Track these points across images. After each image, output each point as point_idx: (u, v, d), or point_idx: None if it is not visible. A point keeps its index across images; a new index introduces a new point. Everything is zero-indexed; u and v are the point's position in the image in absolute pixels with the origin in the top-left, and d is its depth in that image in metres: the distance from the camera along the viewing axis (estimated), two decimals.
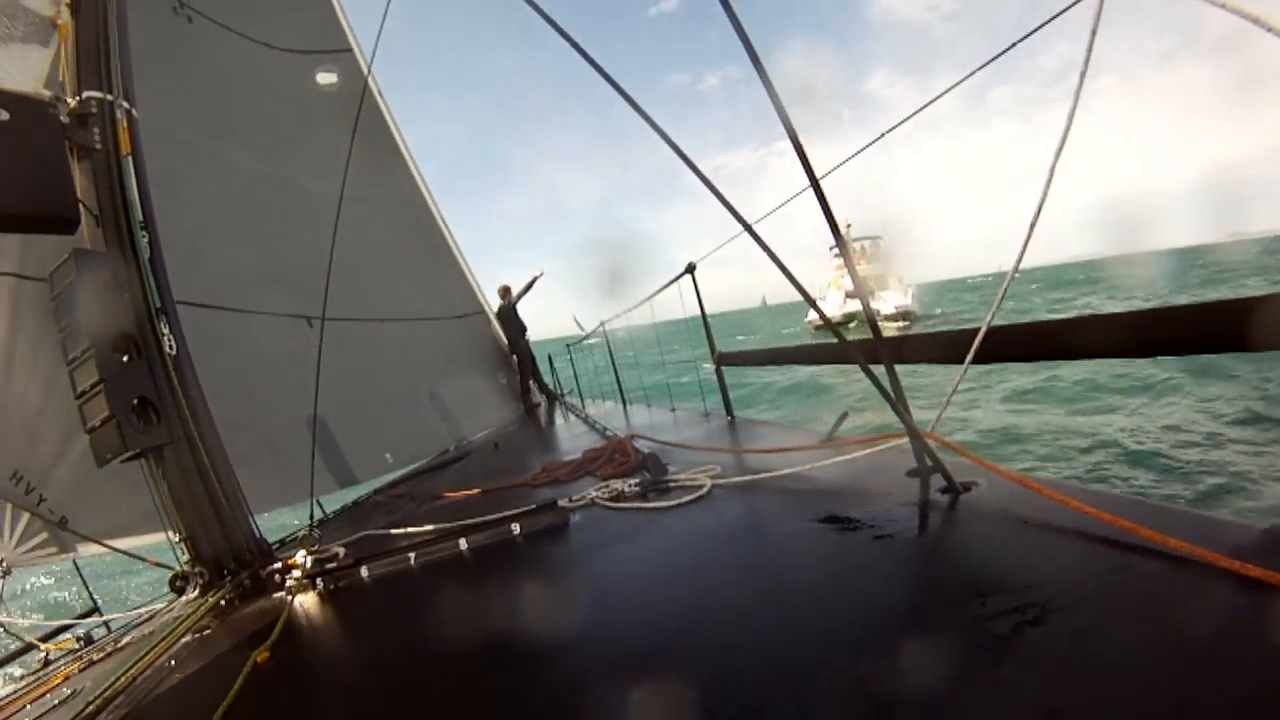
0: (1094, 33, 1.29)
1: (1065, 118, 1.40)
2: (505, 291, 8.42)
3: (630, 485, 2.31)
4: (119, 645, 2.46)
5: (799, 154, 1.56)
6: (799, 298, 1.79)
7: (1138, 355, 1.41)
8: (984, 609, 1.04)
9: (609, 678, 1.17)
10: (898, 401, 1.67)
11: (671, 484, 2.28)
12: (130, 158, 2.53)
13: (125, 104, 2.58)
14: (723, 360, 3.69)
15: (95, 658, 2.46)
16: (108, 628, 3.39)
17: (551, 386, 9.05)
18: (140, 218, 2.48)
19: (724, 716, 0.94)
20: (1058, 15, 1.54)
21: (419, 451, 5.80)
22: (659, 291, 4.12)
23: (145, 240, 2.46)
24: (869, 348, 1.75)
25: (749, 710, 0.94)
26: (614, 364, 6.87)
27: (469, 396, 7.35)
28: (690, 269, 3.60)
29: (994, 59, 1.80)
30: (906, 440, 1.77)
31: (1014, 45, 1.69)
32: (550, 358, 9.27)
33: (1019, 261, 1.67)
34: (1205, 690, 0.78)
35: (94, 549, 3.41)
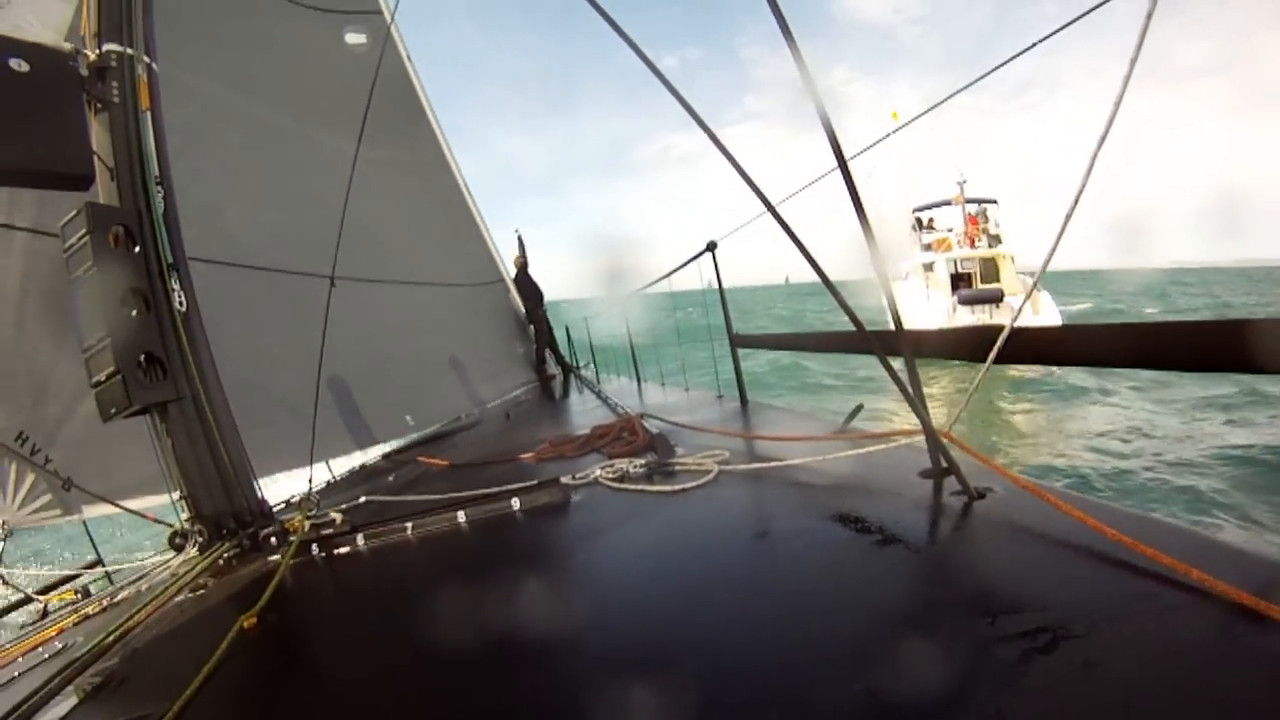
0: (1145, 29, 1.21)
1: (1111, 109, 1.32)
2: (520, 256, 8.45)
3: (636, 466, 2.25)
4: (115, 600, 2.44)
5: (830, 139, 1.51)
6: (832, 277, 1.70)
7: (1163, 368, 1.34)
8: (992, 629, 0.98)
9: (599, 665, 1.14)
10: (915, 397, 1.61)
11: (678, 467, 2.23)
12: (149, 113, 2.51)
13: (146, 59, 2.56)
14: (738, 342, 3.64)
15: (91, 611, 2.44)
16: (110, 580, 3.39)
17: (567, 358, 9.06)
18: (156, 173, 2.46)
19: (707, 718, 0.90)
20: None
21: (439, 415, 5.79)
22: (678, 269, 4.06)
23: (160, 196, 2.44)
24: (888, 338, 1.69)
25: (734, 714, 0.89)
26: (630, 342, 6.82)
27: (488, 363, 7.36)
28: (711, 247, 3.54)
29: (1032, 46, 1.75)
30: (921, 439, 1.72)
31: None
32: (567, 329, 9.29)
33: (1046, 263, 1.60)
34: None
35: (97, 510, 3.40)
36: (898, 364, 1.66)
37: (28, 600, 3.42)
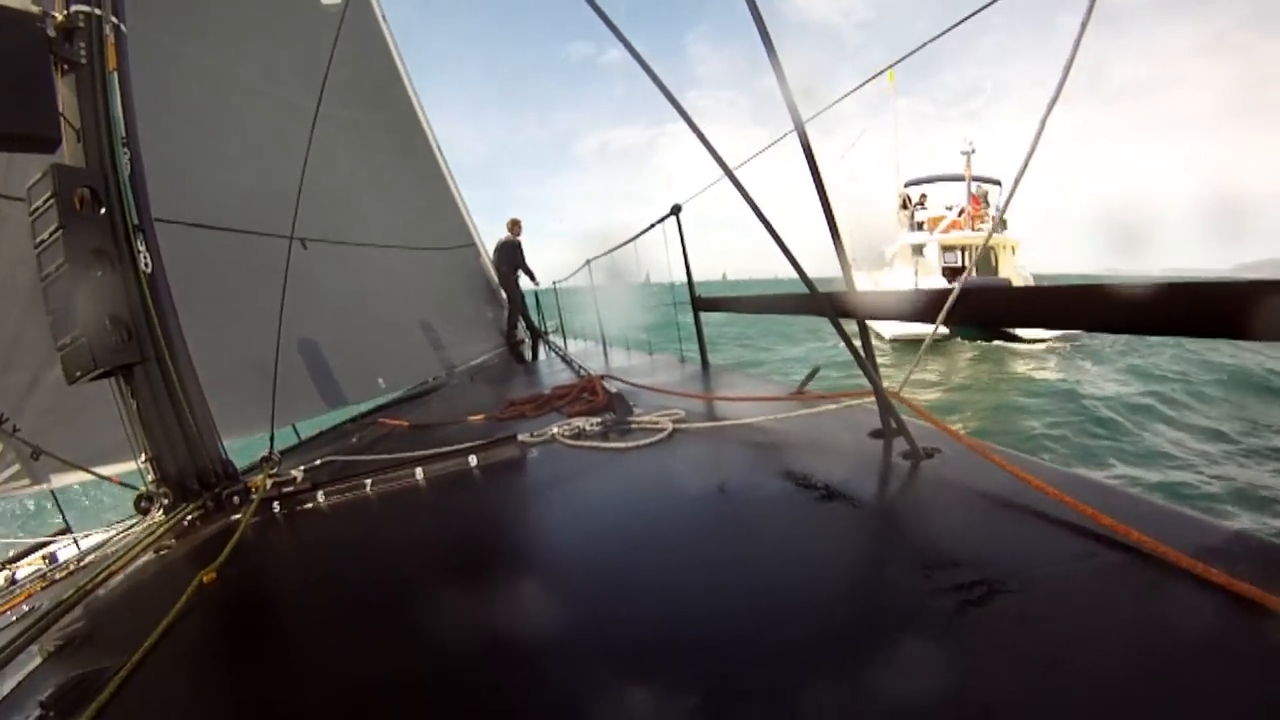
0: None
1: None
2: (515, 226, 8.43)
3: (593, 424, 2.29)
4: (81, 564, 2.44)
5: (788, 102, 1.55)
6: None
7: (1124, 331, 1.33)
8: (929, 583, 1.01)
9: (550, 611, 1.17)
10: (866, 359, 1.66)
11: (634, 425, 2.27)
12: (116, 74, 2.48)
13: (114, 19, 2.53)
14: (701, 306, 3.70)
15: (58, 577, 2.45)
16: (78, 545, 3.38)
17: (537, 324, 9.13)
18: (123, 134, 2.44)
19: (636, 663, 0.93)
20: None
21: (410, 378, 5.83)
22: (644, 232, 4.11)
23: (126, 158, 2.42)
24: (840, 300, 1.72)
25: (664, 660, 0.92)
26: (596, 308, 6.94)
27: (457, 327, 7.38)
28: (675, 210, 3.58)
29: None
30: (873, 400, 1.76)
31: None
32: (536, 295, 9.32)
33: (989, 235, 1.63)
34: (1148, 695, 0.74)
35: (67, 479, 3.38)
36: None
37: None
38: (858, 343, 1.68)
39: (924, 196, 20.82)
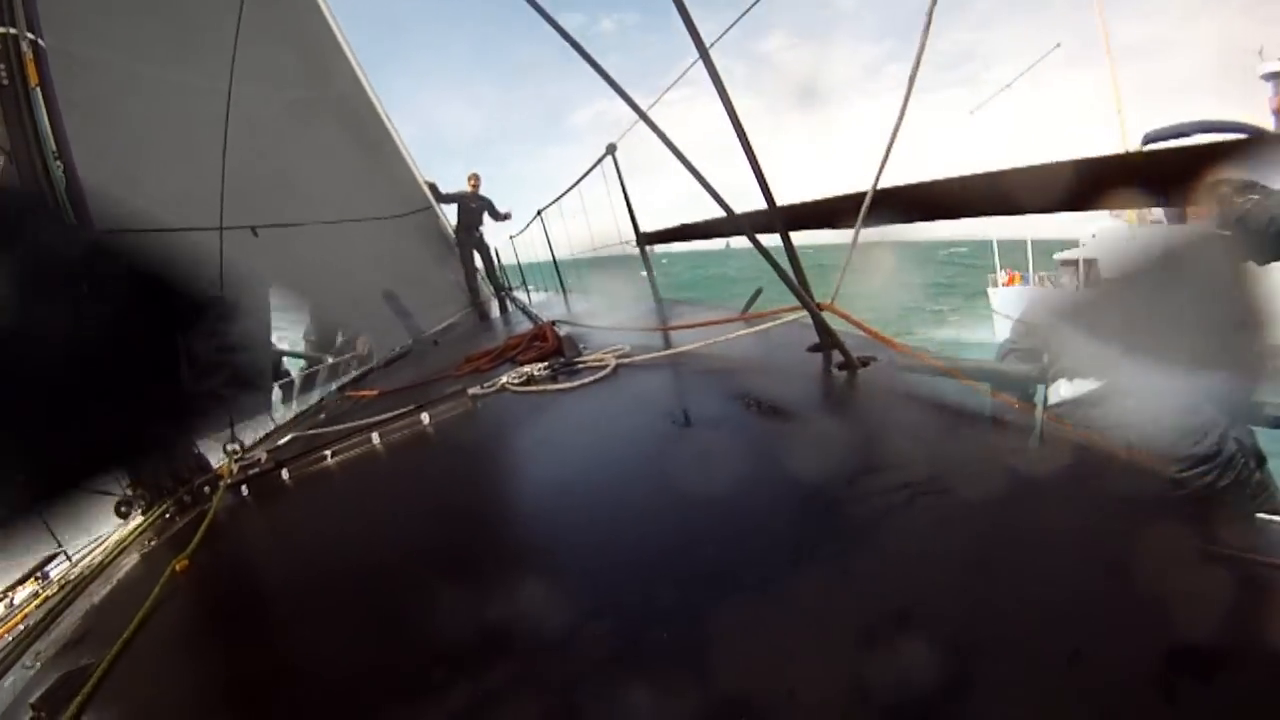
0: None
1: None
2: (476, 181, 8.44)
3: (540, 369, 2.36)
4: (70, 578, 2.48)
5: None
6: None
7: (1050, 210, 1.33)
8: (850, 491, 1.00)
9: (503, 556, 1.20)
10: (793, 274, 1.66)
11: (580, 365, 2.34)
12: (39, 89, 2.48)
13: (31, 35, 2.52)
14: (644, 240, 3.78)
15: (50, 594, 2.48)
16: (69, 559, 3.41)
17: (501, 280, 9.22)
18: (53, 148, 2.43)
19: (591, 596, 0.93)
20: None
21: (378, 351, 5.85)
22: (583, 177, 4.18)
23: (60, 170, 2.42)
24: (761, 217, 1.71)
25: (616, 586, 0.93)
26: (553, 255, 7.04)
27: (422, 293, 7.38)
28: (610, 150, 3.64)
29: None
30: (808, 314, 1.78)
31: None
32: (497, 251, 9.39)
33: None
34: (1078, 579, 0.72)
35: None
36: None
37: None
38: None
39: None
